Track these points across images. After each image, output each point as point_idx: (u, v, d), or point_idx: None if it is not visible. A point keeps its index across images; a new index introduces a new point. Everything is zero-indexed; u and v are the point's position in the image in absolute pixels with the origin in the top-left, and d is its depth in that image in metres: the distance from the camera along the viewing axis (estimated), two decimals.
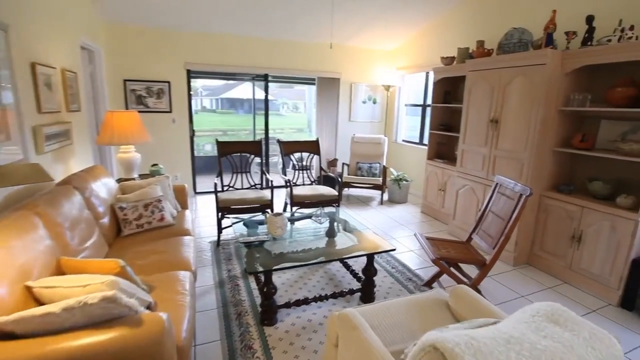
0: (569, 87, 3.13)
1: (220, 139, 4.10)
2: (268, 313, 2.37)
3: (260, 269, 2.29)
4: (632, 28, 2.72)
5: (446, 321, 1.81)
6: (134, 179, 3.57)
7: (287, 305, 2.47)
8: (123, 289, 1.49)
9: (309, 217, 3.28)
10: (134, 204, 2.83)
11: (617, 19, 2.91)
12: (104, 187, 2.79)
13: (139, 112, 4.66)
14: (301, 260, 2.41)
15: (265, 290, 2.33)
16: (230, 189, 4.04)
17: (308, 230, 3.01)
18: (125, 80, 4.84)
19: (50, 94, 2.70)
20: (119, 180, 3.47)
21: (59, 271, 1.72)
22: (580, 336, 1.11)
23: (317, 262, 2.41)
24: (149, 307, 1.72)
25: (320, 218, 3.19)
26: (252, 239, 2.66)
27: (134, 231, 2.75)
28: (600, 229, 2.84)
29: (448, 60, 4.48)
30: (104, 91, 4.39)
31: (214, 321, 2.42)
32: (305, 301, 2.50)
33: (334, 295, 2.59)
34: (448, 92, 4.76)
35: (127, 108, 4.93)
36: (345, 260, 3.06)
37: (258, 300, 2.66)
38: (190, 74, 5.22)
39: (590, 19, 2.99)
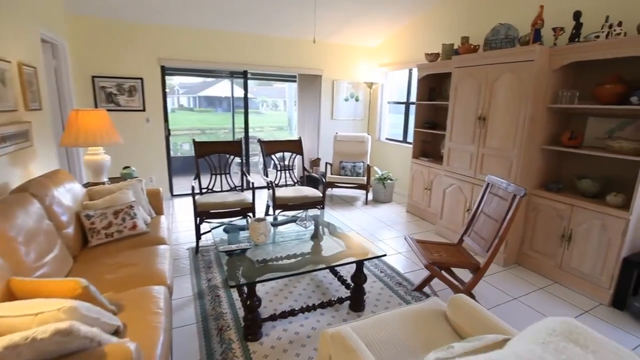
0: (557, 83, 3.08)
1: (198, 139, 3.86)
2: (252, 327, 2.19)
3: (243, 280, 2.11)
4: (620, 24, 2.68)
5: (445, 334, 1.69)
6: (103, 183, 3.31)
7: (273, 317, 2.30)
8: (84, 315, 1.29)
9: (293, 220, 3.11)
10: (102, 211, 2.59)
11: (605, 15, 2.88)
12: (68, 193, 2.54)
13: (110, 110, 4.39)
14: (287, 269, 2.24)
15: (248, 303, 2.15)
16: (209, 191, 3.82)
17: (292, 234, 2.84)
18: (93, 77, 4.51)
19: (4, 90, 2.43)
20: (86, 185, 3.21)
21: (9, 294, 1.49)
22: (605, 359, 1.00)
23: (304, 272, 2.25)
24: (116, 332, 1.52)
25: (305, 222, 3.04)
26: (233, 247, 2.47)
27: (103, 241, 2.51)
28: (590, 227, 2.81)
29: (432, 57, 4.39)
30: (70, 88, 4.06)
31: (193, 338, 2.22)
32: (292, 312, 2.34)
33: (322, 305, 2.44)
34: (433, 89, 4.68)
35: (96, 106, 4.60)
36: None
37: (241, 312, 2.47)
38: (165, 70, 4.94)
39: (577, 15, 2.94)
